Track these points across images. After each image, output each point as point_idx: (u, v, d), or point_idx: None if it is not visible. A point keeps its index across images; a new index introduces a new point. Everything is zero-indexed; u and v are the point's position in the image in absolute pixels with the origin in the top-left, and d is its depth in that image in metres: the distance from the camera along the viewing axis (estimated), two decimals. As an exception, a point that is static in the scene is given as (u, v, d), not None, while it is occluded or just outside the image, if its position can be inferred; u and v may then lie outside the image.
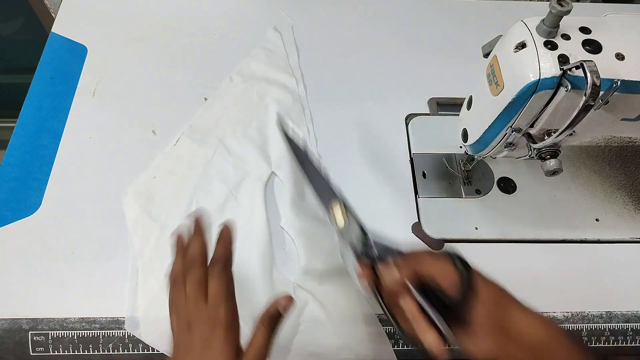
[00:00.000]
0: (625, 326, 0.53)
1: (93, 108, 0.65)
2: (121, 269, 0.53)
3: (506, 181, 0.61)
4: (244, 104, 0.66)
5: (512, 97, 0.42)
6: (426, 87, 0.69)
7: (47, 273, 0.52)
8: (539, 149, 0.45)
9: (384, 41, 0.75)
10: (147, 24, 0.74)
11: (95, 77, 0.67)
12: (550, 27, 0.40)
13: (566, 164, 0.62)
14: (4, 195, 0.57)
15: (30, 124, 0.63)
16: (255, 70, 0.69)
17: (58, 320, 0.50)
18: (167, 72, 0.69)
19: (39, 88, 0.66)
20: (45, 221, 0.56)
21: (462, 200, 0.59)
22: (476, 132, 0.49)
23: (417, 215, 0.58)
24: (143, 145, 0.62)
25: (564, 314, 0.53)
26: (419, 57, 0.73)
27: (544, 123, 0.44)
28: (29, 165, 0.59)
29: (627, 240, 0.58)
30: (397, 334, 0.50)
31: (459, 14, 0.79)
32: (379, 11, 0.78)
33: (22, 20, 1.11)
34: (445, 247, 0.53)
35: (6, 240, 0.54)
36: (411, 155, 0.63)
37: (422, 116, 0.67)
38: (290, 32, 0.74)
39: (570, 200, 0.60)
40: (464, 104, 0.52)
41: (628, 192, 0.62)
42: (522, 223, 0.58)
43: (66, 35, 0.71)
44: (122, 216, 0.56)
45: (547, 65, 0.40)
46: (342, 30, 0.76)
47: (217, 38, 0.73)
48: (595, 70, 0.37)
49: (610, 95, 0.40)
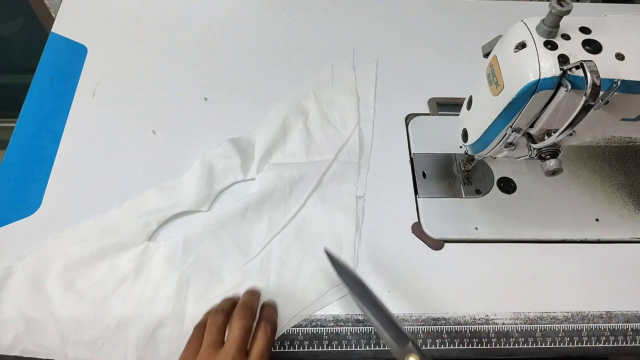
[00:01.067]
0: (625, 326, 0.53)
1: (93, 108, 0.65)
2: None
3: (506, 181, 0.61)
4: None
5: (512, 97, 0.42)
6: (426, 87, 0.69)
7: (47, 273, 0.52)
8: (539, 149, 0.45)
9: (384, 41, 0.75)
10: (147, 24, 0.74)
11: (95, 77, 0.67)
12: (550, 27, 0.40)
13: (566, 164, 0.62)
14: (4, 195, 0.57)
15: (30, 124, 0.63)
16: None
17: (58, 320, 0.50)
18: (167, 72, 0.69)
19: (39, 88, 0.66)
20: (45, 221, 0.56)
21: (462, 200, 0.59)
22: (476, 132, 0.49)
23: (417, 215, 0.58)
24: (143, 145, 0.62)
25: (564, 314, 0.53)
26: (419, 57, 0.73)
27: (544, 123, 0.44)
28: (29, 165, 0.59)
29: (627, 240, 0.58)
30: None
31: (459, 14, 0.79)
32: (378, 11, 0.78)
33: (22, 20, 1.11)
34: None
35: (6, 240, 0.54)
36: (411, 155, 0.63)
37: (422, 116, 0.67)
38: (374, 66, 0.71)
39: (570, 200, 0.60)
40: (464, 104, 0.52)
41: (628, 192, 0.62)
42: (522, 223, 0.58)
43: (66, 35, 0.71)
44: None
45: (547, 65, 0.40)
46: (342, 30, 0.76)
47: (217, 38, 0.73)
48: (595, 70, 0.37)
49: (610, 95, 0.40)
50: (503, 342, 0.52)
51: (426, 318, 0.52)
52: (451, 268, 0.55)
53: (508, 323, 0.52)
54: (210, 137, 0.63)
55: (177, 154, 0.62)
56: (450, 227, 0.57)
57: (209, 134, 0.63)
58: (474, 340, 0.52)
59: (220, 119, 0.65)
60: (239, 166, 0.59)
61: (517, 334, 0.52)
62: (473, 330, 0.52)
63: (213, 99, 0.67)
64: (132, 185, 0.59)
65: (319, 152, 0.61)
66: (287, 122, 0.63)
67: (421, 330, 0.51)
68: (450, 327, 0.52)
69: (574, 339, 0.52)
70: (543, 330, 0.52)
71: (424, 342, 0.51)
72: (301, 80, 0.69)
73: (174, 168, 0.60)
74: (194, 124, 0.64)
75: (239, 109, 0.66)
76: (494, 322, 0.52)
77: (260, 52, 0.72)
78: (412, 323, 0.52)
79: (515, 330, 0.52)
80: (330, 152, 0.61)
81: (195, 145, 0.62)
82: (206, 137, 0.63)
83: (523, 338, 0.52)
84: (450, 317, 0.52)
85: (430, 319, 0.52)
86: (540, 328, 0.52)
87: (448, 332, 0.52)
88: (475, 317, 0.52)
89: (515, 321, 0.52)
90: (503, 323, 0.52)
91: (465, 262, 0.55)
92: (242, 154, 0.60)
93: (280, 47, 0.73)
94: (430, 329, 0.52)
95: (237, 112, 0.66)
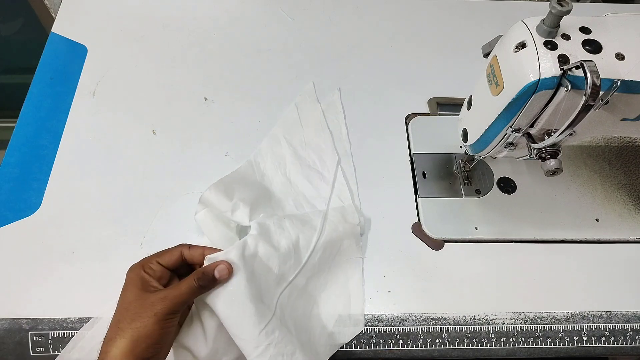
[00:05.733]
0: (625, 326, 0.53)
1: (93, 108, 0.65)
2: (121, 269, 0.53)
3: (506, 181, 0.61)
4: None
5: (512, 97, 0.42)
6: (426, 87, 0.69)
7: (47, 273, 0.52)
8: (539, 149, 0.45)
9: (384, 41, 0.75)
10: (147, 24, 0.74)
11: (95, 77, 0.67)
12: (550, 27, 0.40)
13: (566, 164, 0.62)
14: (4, 195, 0.57)
15: (30, 124, 0.63)
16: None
17: (58, 320, 0.50)
18: (167, 72, 0.69)
19: (39, 88, 0.66)
20: (45, 221, 0.56)
21: (462, 200, 0.59)
22: (476, 132, 0.49)
23: (417, 215, 0.58)
24: (143, 145, 0.62)
25: (564, 314, 0.53)
26: (419, 57, 0.73)
27: (544, 123, 0.44)
28: (29, 165, 0.59)
29: (627, 240, 0.58)
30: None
31: (459, 14, 0.79)
32: (379, 11, 0.78)
33: (22, 20, 1.11)
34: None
35: (6, 240, 0.54)
36: (411, 155, 0.63)
37: (422, 116, 0.67)
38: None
39: (570, 200, 0.60)
40: (464, 104, 0.52)
41: (628, 192, 0.62)
42: (522, 223, 0.58)
43: (66, 35, 0.71)
44: (122, 216, 0.56)
45: (547, 65, 0.40)
46: (342, 30, 0.76)
47: (217, 38, 0.73)
48: (595, 70, 0.37)
49: (610, 95, 0.40)
50: (503, 342, 0.52)
51: (426, 318, 0.52)
52: (451, 268, 0.55)
53: (508, 323, 0.52)
54: (210, 137, 0.63)
55: (177, 154, 0.62)
56: (450, 227, 0.57)
57: (209, 134, 0.64)
58: (474, 340, 0.52)
59: (220, 119, 0.65)
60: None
61: (517, 334, 0.52)
62: (473, 330, 0.52)
63: (213, 99, 0.67)
64: (132, 185, 0.59)
65: (308, 201, 0.58)
66: (265, 176, 0.60)
67: (421, 330, 0.51)
68: (450, 327, 0.52)
69: (574, 339, 0.52)
70: (543, 330, 0.52)
71: (424, 342, 0.51)
72: (301, 81, 0.69)
73: (174, 168, 0.60)
74: (194, 124, 0.64)
75: (239, 109, 0.66)
76: (494, 322, 0.52)
77: (260, 52, 0.72)
78: (412, 323, 0.52)
79: (515, 330, 0.52)
80: (320, 202, 0.57)
81: (195, 145, 0.62)
82: (206, 137, 0.63)
83: (523, 338, 0.52)
84: (450, 317, 0.52)
85: (430, 319, 0.52)
86: (540, 328, 0.52)
87: (448, 332, 0.52)
88: (475, 317, 0.52)
89: (515, 321, 0.52)
90: (503, 323, 0.52)
91: (465, 262, 0.55)
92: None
93: (280, 47, 0.73)
94: (430, 329, 0.52)
95: (237, 112, 0.66)
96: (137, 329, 0.39)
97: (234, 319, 0.43)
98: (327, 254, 0.53)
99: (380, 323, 0.51)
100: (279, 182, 0.59)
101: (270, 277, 0.48)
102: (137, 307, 0.40)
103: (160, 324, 0.39)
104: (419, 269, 0.55)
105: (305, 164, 0.61)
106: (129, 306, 0.40)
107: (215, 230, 0.52)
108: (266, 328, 0.44)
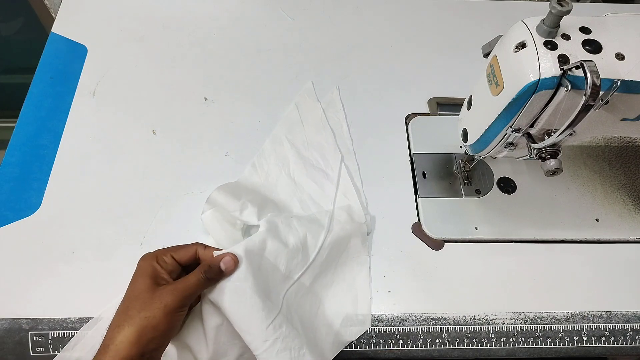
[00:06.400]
0: (625, 326, 0.53)
1: (93, 108, 0.65)
2: (121, 268, 0.53)
3: (506, 181, 0.61)
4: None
5: (512, 97, 0.42)
6: (426, 87, 0.69)
7: (47, 273, 0.52)
8: (539, 149, 0.45)
9: (384, 41, 0.75)
10: (147, 24, 0.74)
11: (95, 77, 0.67)
12: (550, 27, 0.40)
13: (566, 164, 0.62)
14: (4, 195, 0.57)
15: (30, 124, 0.63)
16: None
17: (58, 320, 0.50)
18: (167, 72, 0.69)
19: (39, 88, 0.66)
20: (45, 221, 0.56)
21: (462, 200, 0.59)
22: (476, 132, 0.49)
23: (417, 215, 0.58)
24: (143, 145, 0.62)
25: (564, 314, 0.53)
26: (419, 57, 0.73)
27: (544, 123, 0.44)
28: (29, 165, 0.59)
29: (627, 240, 0.58)
30: None
31: (459, 14, 0.79)
32: (379, 11, 0.78)
33: (22, 20, 1.11)
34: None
35: (6, 240, 0.54)
36: (411, 155, 0.63)
37: (422, 116, 0.67)
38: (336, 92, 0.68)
39: (570, 200, 0.60)
40: (464, 104, 0.52)
41: (628, 192, 0.62)
42: (522, 223, 0.58)
43: (66, 35, 0.71)
44: (122, 216, 0.56)
45: (547, 65, 0.40)
46: (342, 30, 0.76)
47: (217, 38, 0.73)
48: (595, 70, 0.37)
49: (610, 95, 0.40)
50: (503, 342, 0.52)
51: (426, 318, 0.52)
52: (451, 268, 0.55)
53: (508, 323, 0.52)
54: (210, 137, 0.63)
55: (177, 154, 0.62)
56: (450, 227, 0.57)
57: (209, 134, 0.64)
58: (474, 340, 0.52)
59: (220, 119, 0.65)
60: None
61: (517, 334, 0.52)
62: (473, 330, 0.52)
63: (213, 99, 0.67)
64: (132, 185, 0.59)
65: (314, 201, 0.58)
66: (270, 176, 0.60)
67: (421, 330, 0.51)
68: (450, 327, 0.52)
69: (574, 339, 0.52)
70: (543, 330, 0.52)
71: (424, 342, 0.51)
72: (301, 80, 0.69)
73: (174, 168, 0.60)
74: (194, 124, 0.64)
75: (239, 109, 0.66)
76: (494, 322, 0.52)
77: (260, 52, 0.72)
78: (412, 323, 0.52)
79: (515, 330, 0.52)
80: (326, 201, 0.57)
81: (195, 145, 0.62)
82: (206, 137, 0.63)
83: (523, 338, 0.52)
84: (450, 317, 0.52)
85: (430, 319, 0.52)
86: (540, 328, 0.52)
87: (448, 332, 0.52)
88: (475, 317, 0.52)
89: (515, 321, 0.52)
90: (503, 323, 0.52)
91: (465, 262, 0.55)
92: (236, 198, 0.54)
93: (280, 47, 0.73)
94: (430, 329, 0.52)
95: (237, 112, 0.66)
96: (145, 318, 0.39)
97: (241, 314, 0.43)
98: (334, 252, 0.53)
99: (380, 323, 0.51)
100: (284, 184, 0.59)
101: (277, 274, 0.48)
102: (147, 297, 0.40)
103: (168, 316, 0.39)
104: (419, 269, 0.55)
105: (309, 164, 0.61)
106: (139, 295, 0.40)
107: (221, 231, 0.52)
108: (273, 322, 0.44)
